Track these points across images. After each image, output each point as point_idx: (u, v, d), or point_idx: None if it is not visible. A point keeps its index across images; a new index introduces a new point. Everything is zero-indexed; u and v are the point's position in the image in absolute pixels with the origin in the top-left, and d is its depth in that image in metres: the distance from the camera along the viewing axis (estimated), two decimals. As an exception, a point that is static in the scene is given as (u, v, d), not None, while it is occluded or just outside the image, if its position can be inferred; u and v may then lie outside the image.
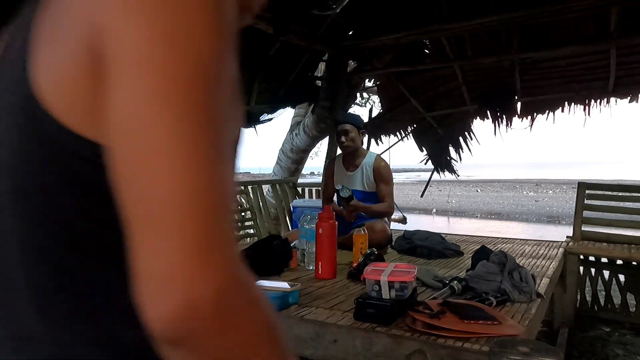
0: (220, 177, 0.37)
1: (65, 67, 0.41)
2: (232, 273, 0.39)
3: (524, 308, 1.73)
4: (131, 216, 0.37)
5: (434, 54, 4.69)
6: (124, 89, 0.37)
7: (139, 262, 0.36)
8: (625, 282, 3.55)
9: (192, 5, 0.38)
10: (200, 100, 0.37)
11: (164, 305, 0.35)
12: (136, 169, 0.36)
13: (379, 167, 3.03)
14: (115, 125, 0.37)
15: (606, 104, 4.30)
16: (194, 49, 0.37)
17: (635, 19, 3.56)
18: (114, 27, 0.38)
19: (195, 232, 0.35)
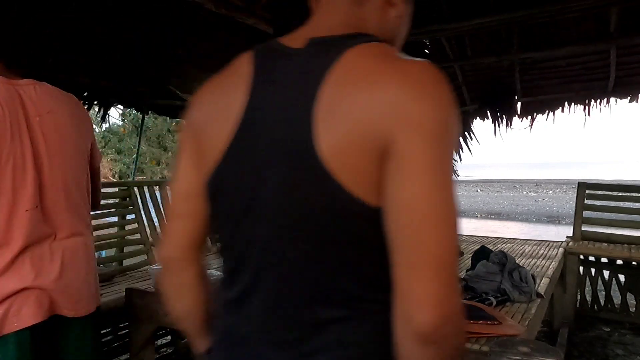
0: (457, 232, 0.60)
1: (352, 149, 0.60)
2: (460, 298, 0.61)
3: (524, 308, 1.73)
4: (403, 260, 0.59)
5: (434, 54, 4.69)
6: (413, 179, 0.58)
7: (407, 289, 0.58)
8: (625, 282, 3.55)
9: (452, 134, 0.61)
10: (452, 187, 0.60)
11: (428, 317, 0.57)
12: (414, 231, 0.58)
13: None
14: (401, 200, 0.59)
15: (606, 104, 4.30)
16: (451, 152, 0.61)
17: (635, 19, 3.56)
18: (404, 140, 0.59)
19: (448, 274, 0.58)
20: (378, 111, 0.60)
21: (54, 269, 1.37)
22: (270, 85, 0.69)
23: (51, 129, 1.38)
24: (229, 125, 0.69)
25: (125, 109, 4.97)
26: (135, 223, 2.96)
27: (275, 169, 0.65)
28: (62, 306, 1.38)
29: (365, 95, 0.61)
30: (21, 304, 1.31)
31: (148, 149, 18.38)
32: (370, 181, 0.61)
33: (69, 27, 3.00)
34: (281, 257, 0.67)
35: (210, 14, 3.46)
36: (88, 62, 3.24)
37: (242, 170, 0.69)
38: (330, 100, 0.62)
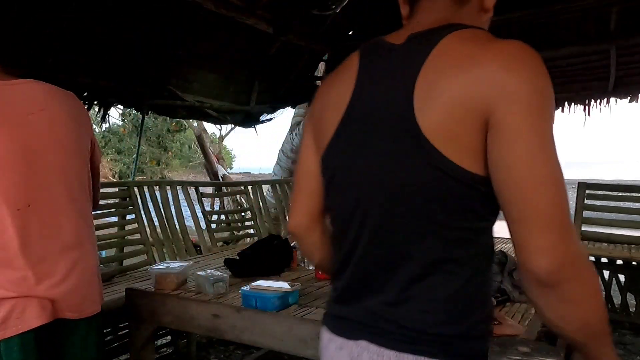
0: (565, 189, 0.66)
1: (451, 123, 0.69)
2: (578, 246, 0.67)
3: (524, 308, 1.73)
4: (514, 217, 0.68)
5: (434, 54, 4.69)
6: (514, 144, 0.66)
7: (521, 242, 0.67)
8: (625, 282, 3.55)
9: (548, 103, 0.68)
10: (554, 150, 0.67)
11: (542, 264, 0.65)
12: (520, 190, 0.66)
13: None
14: (506, 164, 0.66)
15: (606, 104, 4.29)
16: (550, 119, 0.68)
17: (635, 19, 3.56)
18: (504, 110, 0.67)
19: (556, 225, 0.65)
20: (476, 86, 0.68)
21: (58, 272, 1.35)
22: (373, 75, 0.81)
23: (44, 125, 1.36)
24: (339, 111, 0.84)
25: (125, 109, 4.98)
26: (135, 223, 2.96)
27: (380, 143, 0.77)
28: (65, 309, 1.37)
29: (463, 74, 0.70)
30: (24, 306, 1.30)
31: (148, 149, 18.37)
32: (468, 149, 0.70)
33: (69, 27, 3.00)
34: (379, 218, 0.79)
35: (210, 14, 3.47)
36: (88, 62, 3.24)
37: (349, 146, 0.83)
38: (428, 81, 0.72)
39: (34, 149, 1.34)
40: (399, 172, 0.75)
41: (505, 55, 0.69)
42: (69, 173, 1.42)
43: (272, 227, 3.91)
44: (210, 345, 3.30)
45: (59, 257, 1.36)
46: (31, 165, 1.33)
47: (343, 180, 0.85)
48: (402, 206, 0.76)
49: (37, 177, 1.34)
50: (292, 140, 5.65)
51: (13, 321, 1.28)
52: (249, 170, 29.36)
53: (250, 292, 1.75)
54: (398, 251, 0.78)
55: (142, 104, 3.80)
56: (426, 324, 0.76)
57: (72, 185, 1.42)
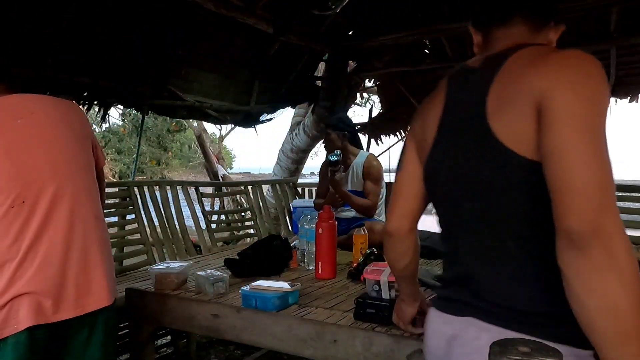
0: (612, 176, 0.74)
1: (519, 120, 0.82)
2: (615, 222, 0.75)
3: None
4: (558, 189, 0.75)
5: (434, 54, 4.69)
6: (564, 125, 0.75)
7: (565, 205, 0.74)
8: (625, 282, 3.55)
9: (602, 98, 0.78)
10: (603, 140, 0.75)
11: (578, 223, 0.72)
12: (565, 169, 0.74)
13: (369, 166, 3.00)
14: (554, 145, 0.76)
15: (606, 104, 4.29)
16: (601, 110, 0.77)
17: (635, 19, 3.56)
18: (558, 95, 0.77)
19: (603, 195, 0.73)
20: (538, 82, 0.80)
21: (54, 266, 1.36)
22: (457, 94, 0.99)
23: (33, 127, 1.41)
24: (435, 126, 1.01)
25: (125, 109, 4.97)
26: (135, 223, 2.96)
27: (465, 148, 0.93)
28: (66, 306, 1.37)
29: (528, 74, 0.82)
30: (19, 306, 1.30)
31: (148, 149, 18.35)
32: (530, 140, 0.80)
33: (69, 27, 3.00)
34: (473, 213, 0.93)
35: (210, 14, 3.46)
36: (88, 62, 3.24)
37: (444, 154, 0.99)
38: (499, 89, 0.87)
39: (21, 147, 1.37)
40: (480, 170, 0.89)
41: (566, 56, 0.83)
42: (63, 168, 1.43)
43: (272, 227, 3.91)
44: (210, 345, 3.30)
45: (55, 252, 1.37)
46: (19, 164, 1.36)
47: (443, 184, 1.00)
48: (490, 200, 0.89)
49: (27, 174, 1.36)
50: (292, 140, 5.65)
51: (10, 321, 1.29)
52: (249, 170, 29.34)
53: (250, 292, 1.75)
54: (496, 239, 0.90)
55: (142, 104, 3.80)
56: (527, 304, 0.85)
57: (66, 183, 1.43)
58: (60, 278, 1.37)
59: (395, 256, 1.19)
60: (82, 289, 1.41)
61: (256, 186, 4.03)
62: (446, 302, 1.01)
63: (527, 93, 0.81)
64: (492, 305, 0.89)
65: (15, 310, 1.30)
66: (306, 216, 2.40)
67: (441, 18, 3.93)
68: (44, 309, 1.33)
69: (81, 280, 1.41)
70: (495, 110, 0.86)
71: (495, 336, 0.83)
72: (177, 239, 3.10)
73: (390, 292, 1.61)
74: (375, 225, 2.80)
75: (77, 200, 1.45)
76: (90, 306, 1.43)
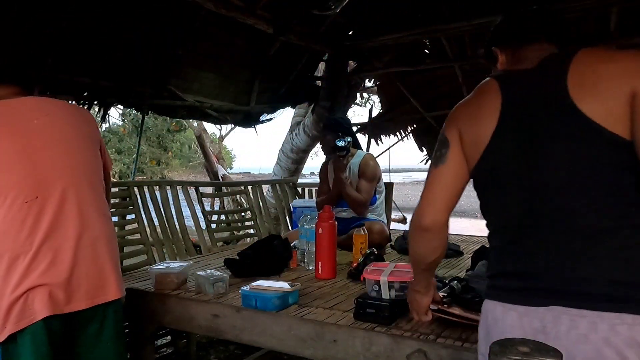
0: None
1: (612, 105, 0.92)
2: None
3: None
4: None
5: (434, 54, 4.68)
6: None
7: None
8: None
9: None
10: None
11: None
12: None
13: (365, 165, 2.99)
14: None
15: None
16: None
17: (635, 19, 3.56)
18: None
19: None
20: (627, 75, 0.92)
21: (66, 260, 1.42)
22: (517, 91, 1.06)
23: (47, 127, 1.48)
24: (492, 122, 1.06)
25: (125, 109, 4.97)
26: (135, 223, 2.96)
27: (549, 133, 0.98)
28: (77, 298, 1.43)
29: (613, 67, 0.95)
30: (34, 298, 1.36)
31: (148, 149, 18.35)
32: (623, 121, 0.91)
33: (69, 27, 3.00)
34: (561, 199, 0.97)
35: (210, 14, 3.46)
36: (88, 62, 3.24)
37: (512, 147, 1.03)
38: (578, 78, 0.96)
39: (36, 146, 1.44)
40: (578, 155, 0.95)
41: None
42: (73, 168, 1.51)
43: (272, 227, 3.91)
44: (210, 345, 3.30)
45: (67, 246, 1.43)
46: (34, 161, 1.43)
47: (509, 176, 1.05)
48: (585, 182, 0.95)
49: (41, 171, 1.43)
50: (292, 140, 5.65)
51: (26, 312, 1.34)
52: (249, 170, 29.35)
53: (250, 292, 1.75)
54: (586, 210, 0.95)
55: (142, 104, 3.80)
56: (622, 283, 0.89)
57: (75, 182, 1.49)
58: (72, 271, 1.43)
59: (426, 251, 1.21)
60: (92, 282, 1.47)
61: (256, 186, 4.02)
62: (519, 294, 1.00)
63: (619, 80, 0.92)
64: (587, 288, 0.91)
65: (31, 301, 1.35)
66: (306, 216, 2.40)
67: (441, 18, 3.93)
68: (58, 300, 1.39)
69: (91, 273, 1.47)
70: (579, 95, 0.95)
71: (596, 321, 0.88)
72: (177, 239, 3.10)
73: (390, 292, 1.61)
74: (375, 225, 2.80)
75: (85, 198, 1.51)
76: (100, 298, 1.49)
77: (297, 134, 5.58)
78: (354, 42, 4.55)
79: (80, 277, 1.44)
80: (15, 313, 1.34)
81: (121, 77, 3.47)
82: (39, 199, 1.40)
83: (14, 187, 1.39)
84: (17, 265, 1.36)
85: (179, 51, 3.69)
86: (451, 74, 4.65)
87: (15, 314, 1.34)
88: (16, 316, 1.34)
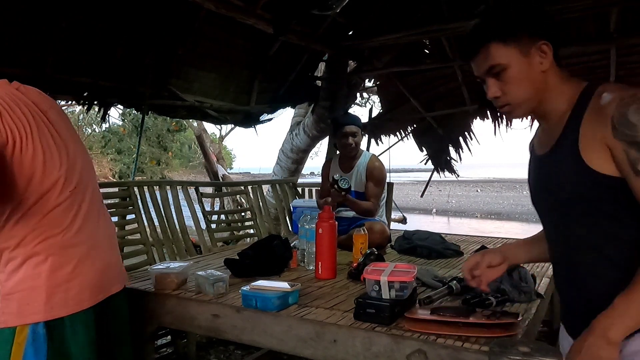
0: None
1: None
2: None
3: (524, 308, 1.73)
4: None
5: (434, 54, 4.69)
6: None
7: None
8: (625, 282, 3.55)
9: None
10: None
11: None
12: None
13: (373, 167, 2.99)
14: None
15: (606, 104, 4.29)
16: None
17: (635, 19, 3.56)
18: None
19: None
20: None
21: (104, 251, 1.50)
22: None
23: (55, 121, 1.47)
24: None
25: (125, 109, 4.97)
26: (135, 223, 2.96)
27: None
28: (114, 282, 1.53)
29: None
30: (81, 285, 1.41)
31: (148, 149, 18.35)
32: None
33: (69, 27, 3.00)
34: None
35: (210, 14, 3.47)
36: (88, 62, 3.24)
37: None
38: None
39: (57, 141, 1.44)
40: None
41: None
42: (82, 162, 1.53)
43: (272, 227, 3.91)
44: (210, 345, 3.30)
45: (102, 233, 1.52)
46: (68, 152, 1.45)
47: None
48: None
49: (73, 162, 1.46)
50: (292, 140, 5.65)
51: (75, 298, 1.39)
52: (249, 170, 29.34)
53: (250, 292, 1.75)
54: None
55: (142, 104, 3.80)
56: None
57: (86, 175, 1.53)
58: (110, 255, 1.54)
59: None
60: (119, 266, 1.62)
61: (256, 186, 4.02)
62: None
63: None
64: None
65: (82, 288, 1.41)
66: (306, 216, 2.39)
67: (441, 18, 3.94)
68: (103, 286, 1.47)
69: (113, 261, 1.58)
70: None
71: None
72: (177, 239, 3.10)
73: (390, 292, 1.61)
74: (375, 225, 2.80)
75: (95, 190, 1.57)
76: (125, 282, 1.62)
77: (297, 134, 5.58)
78: (353, 42, 4.55)
79: (112, 261, 1.55)
80: (65, 297, 1.37)
81: (121, 77, 3.47)
82: (77, 188, 1.44)
83: (63, 176, 1.40)
84: (72, 254, 1.40)
85: (179, 51, 3.70)
86: (451, 73, 4.66)
87: (65, 298, 1.37)
88: (66, 300, 1.37)
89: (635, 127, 0.93)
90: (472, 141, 5.27)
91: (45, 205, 1.35)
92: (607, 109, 0.97)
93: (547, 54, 1.08)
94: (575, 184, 1.02)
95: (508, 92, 1.10)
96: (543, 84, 1.09)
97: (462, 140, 5.28)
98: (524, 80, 1.08)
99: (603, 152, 0.97)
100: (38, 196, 1.34)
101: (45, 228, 1.35)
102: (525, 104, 1.11)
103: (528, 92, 1.09)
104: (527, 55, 1.07)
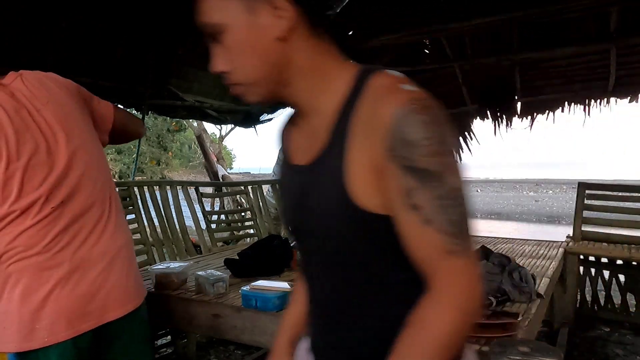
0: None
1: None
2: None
3: (524, 308, 1.73)
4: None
5: (434, 54, 4.69)
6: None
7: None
8: (625, 282, 3.55)
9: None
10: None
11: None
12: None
13: None
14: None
15: (606, 104, 4.30)
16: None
17: (635, 19, 3.56)
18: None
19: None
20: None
21: (95, 273, 1.29)
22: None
23: (53, 120, 1.29)
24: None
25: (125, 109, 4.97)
26: (135, 223, 2.96)
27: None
28: (109, 309, 1.31)
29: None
30: (60, 314, 1.23)
31: (148, 149, 18.38)
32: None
33: (69, 27, 3.00)
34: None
35: (210, 14, 3.46)
36: (88, 62, 3.24)
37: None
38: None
39: (51, 146, 1.28)
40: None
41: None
42: (90, 165, 1.35)
43: (272, 227, 3.91)
44: (210, 345, 3.30)
45: (99, 251, 1.31)
46: (53, 163, 1.27)
47: None
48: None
49: (62, 175, 1.28)
50: (292, 140, 5.64)
51: (46, 329, 1.21)
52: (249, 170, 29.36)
53: (250, 292, 1.75)
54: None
55: (142, 104, 3.80)
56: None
57: (97, 177, 1.36)
58: (100, 280, 1.31)
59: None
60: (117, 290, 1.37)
61: (256, 186, 4.02)
62: None
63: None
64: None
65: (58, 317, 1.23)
66: (306, 216, 2.39)
67: (441, 18, 3.93)
68: (90, 314, 1.28)
69: (114, 282, 1.36)
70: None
71: None
72: (177, 239, 3.10)
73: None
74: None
75: (102, 201, 1.39)
76: (132, 304, 1.39)
77: (297, 134, 5.58)
78: (354, 42, 4.54)
79: (113, 283, 1.33)
80: (38, 327, 1.20)
81: (121, 77, 3.47)
82: (64, 203, 1.28)
83: (44, 194, 1.24)
84: (43, 274, 1.23)
85: (179, 51, 3.70)
86: (451, 73, 4.65)
87: (38, 328, 1.20)
88: (38, 330, 1.20)
89: (413, 147, 0.68)
90: (472, 141, 5.27)
91: (22, 224, 1.21)
92: (380, 117, 0.70)
93: (285, 12, 0.73)
94: (335, 218, 0.74)
95: (236, 66, 0.76)
96: (281, 57, 0.75)
97: (462, 140, 5.27)
98: (247, 48, 0.74)
99: (373, 178, 0.70)
100: (13, 216, 1.20)
101: (20, 248, 1.21)
102: (256, 84, 0.77)
103: (256, 67, 0.75)
104: (252, 11, 0.73)
